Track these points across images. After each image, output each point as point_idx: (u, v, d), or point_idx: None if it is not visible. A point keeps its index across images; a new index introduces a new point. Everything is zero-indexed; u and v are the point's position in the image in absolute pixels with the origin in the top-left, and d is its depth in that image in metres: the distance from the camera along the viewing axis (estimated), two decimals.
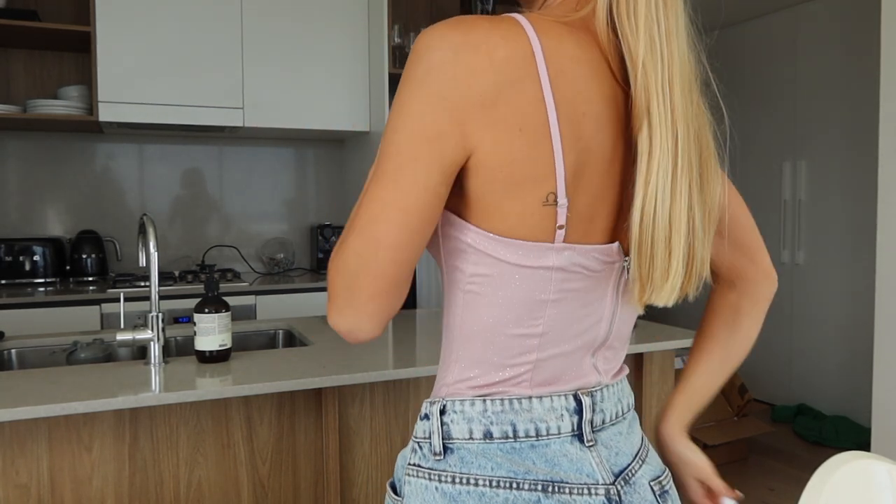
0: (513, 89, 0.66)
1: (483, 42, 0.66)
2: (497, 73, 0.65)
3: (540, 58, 0.66)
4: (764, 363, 4.26)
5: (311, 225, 3.63)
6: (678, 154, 0.69)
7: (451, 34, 0.66)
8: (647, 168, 0.68)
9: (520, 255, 0.70)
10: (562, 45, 0.68)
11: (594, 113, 0.69)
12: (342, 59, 3.24)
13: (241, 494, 1.52)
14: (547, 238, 0.69)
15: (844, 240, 3.80)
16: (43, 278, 2.97)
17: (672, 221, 0.69)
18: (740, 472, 3.20)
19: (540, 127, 0.66)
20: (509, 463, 0.73)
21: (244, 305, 2.92)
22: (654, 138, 0.68)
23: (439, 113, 0.65)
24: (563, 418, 0.75)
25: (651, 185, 0.68)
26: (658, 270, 0.70)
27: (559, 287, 0.72)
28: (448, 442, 0.74)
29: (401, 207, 0.66)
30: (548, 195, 0.68)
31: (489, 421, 0.74)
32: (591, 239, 0.72)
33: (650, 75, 0.68)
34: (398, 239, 0.66)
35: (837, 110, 3.82)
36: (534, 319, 0.73)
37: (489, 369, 0.74)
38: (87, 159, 3.25)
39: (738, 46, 4.38)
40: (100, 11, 2.83)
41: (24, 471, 1.35)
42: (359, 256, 0.67)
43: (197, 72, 2.99)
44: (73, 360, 1.70)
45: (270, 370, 1.49)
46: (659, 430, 0.98)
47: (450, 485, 0.73)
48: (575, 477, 0.74)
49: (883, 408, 2.70)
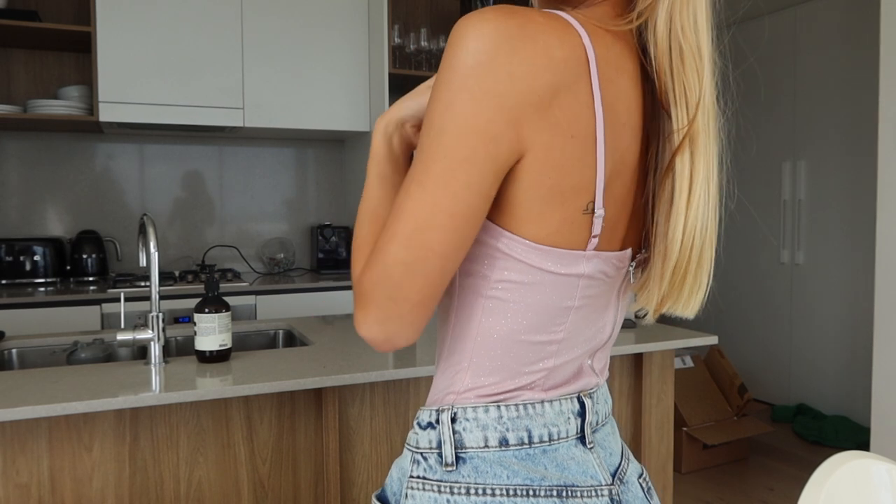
0: (568, 93, 0.63)
1: (541, 36, 0.62)
2: (555, 72, 0.62)
3: (593, 63, 0.64)
4: (763, 363, 4.26)
5: (311, 225, 3.64)
6: (712, 176, 0.70)
7: (506, 23, 0.60)
8: (689, 193, 0.69)
9: (553, 263, 0.68)
10: (609, 53, 0.67)
11: (631, 124, 0.69)
12: (342, 59, 3.24)
13: (240, 494, 1.52)
14: (580, 246, 0.69)
15: (844, 240, 3.80)
16: (43, 278, 2.97)
17: (706, 241, 0.71)
18: (740, 471, 3.20)
19: (589, 135, 0.65)
20: (525, 470, 0.71)
21: (244, 305, 2.92)
22: (697, 162, 0.69)
23: (494, 112, 0.60)
24: (569, 421, 0.74)
25: (693, 209, 0.69)
26: (687, 288, 0.72)
27: (583, 294, 0.71)
28: (461, 451, 0.71)
29: (453, 213, 0.62)
30: (588, 204, 0.67)
31: (505, 427, 0.71)
32: (612, 246, 0.72)
33: (701, 103, 0.68)
34: (450, 248, 0.63)
35: (837, 110, 3.82)
36: (556, 326, 0.71)
37: (506, 376, 0.72)
38: (87, 159, 3.25)
39: (738, 46, 4.38)
40: (100, 11, 2.83)
41: (24, 470, 1.35)
42: (406, 266, 0.63)
43: (197, 72, 2.99)
44: (73, 360, 1.70)
45: (270, 370, 1.49)
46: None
47: (464, 496, 0.70)
48: (583, 480, 0.73)
49: (882, 407, 2.70)
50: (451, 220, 0.62)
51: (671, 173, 0.69)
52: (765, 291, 4.26)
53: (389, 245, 0.63)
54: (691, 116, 0.68)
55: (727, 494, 2.94)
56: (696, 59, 0.68)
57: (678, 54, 0.68)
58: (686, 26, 0.68)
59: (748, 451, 3.37)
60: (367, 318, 0.66)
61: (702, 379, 3.38)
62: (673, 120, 0.69)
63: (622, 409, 1.94)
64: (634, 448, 1.94)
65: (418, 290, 0.64)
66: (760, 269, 4.29)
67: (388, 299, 0.64)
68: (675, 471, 3.15)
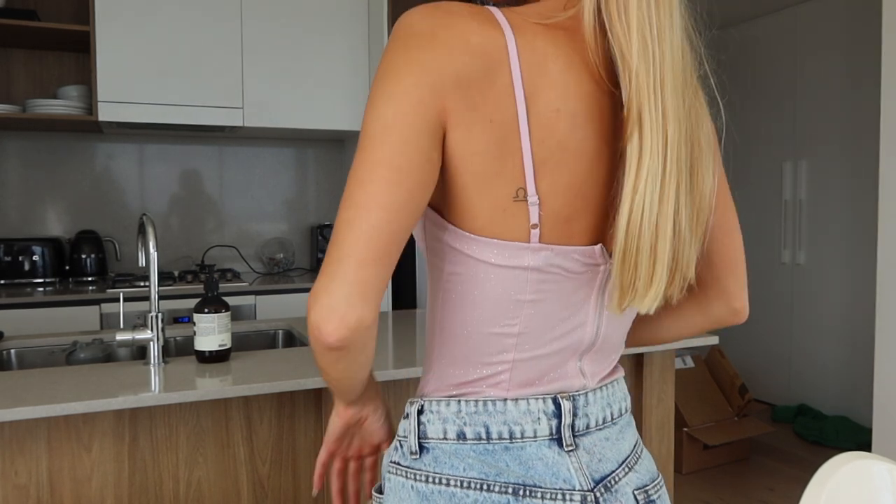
0: (485, 78, 0.66)
1: (459, 24, 0.66)
2: (472, 56, 0.66)
3: (513, 51, 0.66)
4: (764, 363, 4.26)
5: (310, 225, 3.63)
6: (667, 158, 0.67)
7: (431, 13, 0.67)
8: (635, 175, 0.66)
9: (495, 254, 0.69)
10: (536, 41, 0.68)
11: (570, 110, 0.68)
12: (342, 59, 3.24)
13: (240, 494, 1.51)
14: (522, 238, 0.68)
15: (845, 240, 3.80)
16: (42, 278, 2.97)
17: (658, 229, 0.67)
18: (741, 472, 3.20)
19: (509, 120, 0.66)
20: (481, 464, 0.72)
21: (244, 305, 2.92)
22: (645, 144, 0.66)
23: (417, 77, 0.65)
24: (539, 421, 0.74)
25: (639, 192, 0.66)
26: (642, 279, 0.69)
27: (537, 288, 0.71)
28: (423, 441, 0.75)
29: (392, 166, 0.64)
30: (517, 191, 0.67)
31: (463, 422, 0.74)
32: (571, 240, 0.71)
33: (642, 80, 0.66)
34: (391, 199, 0.64)
35: (838, 110, 3.82)
36: (510, 319, 0.72)
37: (466, 367, 0.74)
38: (86, 159, 3.25)
39: (738, 46, 4.38)
40: (99, 11, 2.83)
41: (23, 471, 1.35)
42: (349, 222, 0.64)
43: (197, 71, 2.99)
44: (72, 361, 1.70)
45: (270, 370, 1.49)
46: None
47: (423, 483, 0.74)
48: (549, 481, 0.72)
49: (884, 408, 2.69)
50: (391, 172, 0.63)
51: (623, 158, 0.68)
52: (766, 291, 4.26)
53: (338, 212, 0.66)
54: (628, 94, 0.67)
55: (727, 495, 2.94)
56: (623, 31, 0.66)
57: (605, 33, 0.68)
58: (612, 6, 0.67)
59: (749, 452, 3.36)
60: (313, 291, 0.65)
61: (702, 379, 3.37)
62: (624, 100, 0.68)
63: None
64: None
65: (362, 245, 0.63)
66: (761, 268, 4.29)
67: (334, 262, 0.64)
68: (676, 471, 3.15)
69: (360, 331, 0.64)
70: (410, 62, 0.65)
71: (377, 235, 0.63)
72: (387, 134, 0.64)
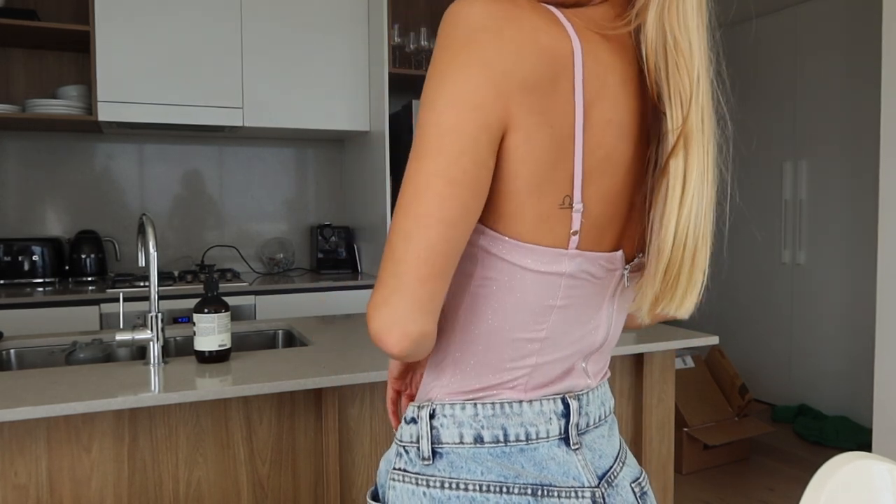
0: (550, 83, 0.64)
1: (527, 20, 0.63)
2: (539, 58, 0.63)
3: (579, 58, 0.65)
4: (764, 363, 4.26)
5: (310, 225, 3.63)
6: (707, 175, 0.70)
7: (494, 6, 0.62)
8: (682, 192, 0.69)
9: (533, 260, 0.68)
10: (599, 51, 0.67)
11: (618, 121, 0.69)
12: (342, 59, 3.24)
13: (240, 495, 1.51)
14: (561, 244, 0.69)
15: (845, 239, 3.80)
16: (42, 278, 2.96)
17: (699, 241, 0.70)
18: (741, 472, 3.20)
19: (567, 128, 0.66)
20: (499, 467, 0.72)
21: (244, 305, 2.91)
22: (691, 161, 0.68)
23: (481, 80, 0.61)
24: (551, 422, 0.74)
25: (686, 208, 0.69)
26: (681, 287, 0.71)
27: (567, 293, 0.71)
28: (437, 446, 0.73)
29: (450, 178, 0.61)
30: (564, 198, 0.67)
31: (480, 425, 0.73)
32: (600, 247, 0.72)
33: (694, 102, 0.68)
34: (450, 213, 0.62)
35: (838, 110, 3.82)
36: (538, 324, 0.72)
37: (487, 372, 0.73)
38: (86, 159, 3.25)
39: (738, 46, 4.38)
40: (99, 11, 2.82)
41: (22, 471, 1.34)
42: (406, 234, 0.62)
43: (196, 71, 2.99)
44: (72, 361, 1.70)
45: (270, 370, 1.49)
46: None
47: (438, 490, 0.72)
48: (563, 480, 0.73)
49: (884, 408, 2.69)
50: (450, 186, 0.61)
51: (666, 173, 0.69)
52: (766, 291, 4.25)
53: (394, 220, 0.64)
54: (684, 115, 0.68)
55: (728, 495, 2.93)
56: (687, 57, 0.68)
57: (668, 53, 0.68)
58: (675, 26, 0.68)
59: (749, 452, 3.36)
60: (374, 303, 0.64)
61: (702, 379, 3.37)
62: (667, 120, 0.69)
63: (623, 410, 1.93)
64: (635, 449, 1.93)
65: (422, 261, 0.62)
66: (762, 269, 4.28)
67: (392, 276, 0.63)
68: (676, 471, 3.14)
69: (421, 342, 0.65)
70: (474, 61, 0.61)
71: (437, 251, 0.62)
72: (445, 142, 0.61)
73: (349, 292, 3.10)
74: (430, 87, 0.63)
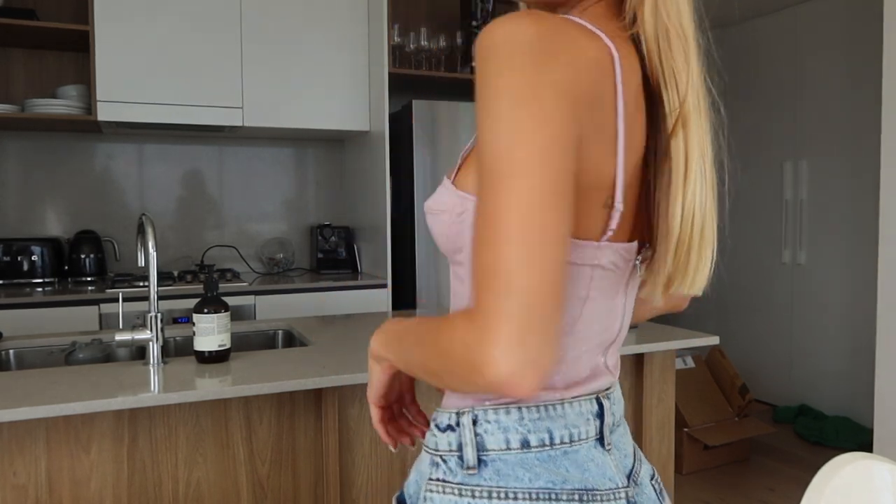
0: (602, 94, 0.65)
1: (572, 37, 0.63)
2: (590, 71, 0.63)
3: (618, 65, 0.66)
4: (765, 363, 4.26)
5: (310, 225, 3.63)
6: (707, 151, 0.72)
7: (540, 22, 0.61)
8: (685, 171, 0.70)
9: (572, 254, 0.68)
10: (627, 55, 0.69)
11: (642, 121, 0.71)
12: (342, 59, 3.23)
13: (240, 495, 1.51)
14: (595, 237, 0.69)
15: (846, 239, 3.80)
16: (41, 278, 2.96)
17: (706, 217, 0.72)
18: (741, 472, 3.19)
19: (613, 135, 0.67)
20: (547, 472, 0.70)
21: (243, 305, 2.91)
22: (690, 141, 0.70)
23: (558, 99, 0.59)
24: (589, 422, 0.73)
25: (690, 185, 0.70)
26: (692, 264, 0.72)
27: (595, 285, 0.72)
28: (483, 454, 0.70)
29: (555, 191, 0.57)
30: (607, 199, 0.68)
31: (526, 429, 0.70)
32: (624, 237, 0.73)
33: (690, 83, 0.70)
34: (559, 232, 0.57)
35: (839, 109, 3.81)
36: (571, 318, 0.72)
37: None
38: (86, 159, 3.24)
39: (738, 46, 4.38)
40: (98, 10, 2.82)
41: (22, 472, 1.34)
42: (524, 263, 0.55)
43: (196, 71, 2.99)
44: (71, 361, 1.70)
45: (270, 370, 1.49)
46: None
47: (486, 500, 0.69)
48: (602, 483, 0.72)
49: (885, 408, 2.69)
50: (558, 198, 0.57)
51: (668, 155, 0.71)
52: (766, 291, 4.25)
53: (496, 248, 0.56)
54: (682, 98, 0.70)
55: (728, 495, 2.93)
56: (682, 40, 0.70)
57: (665, 38, 0.70)
58: (671, 11, 0.70)
59: (749, 452, 3.36)
60: (505, 341, 0.55)
61: (703, 379, 3.37)
62: (665, 103, 0.71)
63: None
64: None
65: (548, 289, 0.56)
66: (762, 268, 4.28)
67: (520, 308, 0.55)
68: (676, 471, 3.14)
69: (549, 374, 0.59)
70: (544, 82, 0.59)
71: (557, 274, 0.57)
72: (545, 157, 0.57)
73: (349, 292, 3.10)
74: (498, 109, 0.59)
